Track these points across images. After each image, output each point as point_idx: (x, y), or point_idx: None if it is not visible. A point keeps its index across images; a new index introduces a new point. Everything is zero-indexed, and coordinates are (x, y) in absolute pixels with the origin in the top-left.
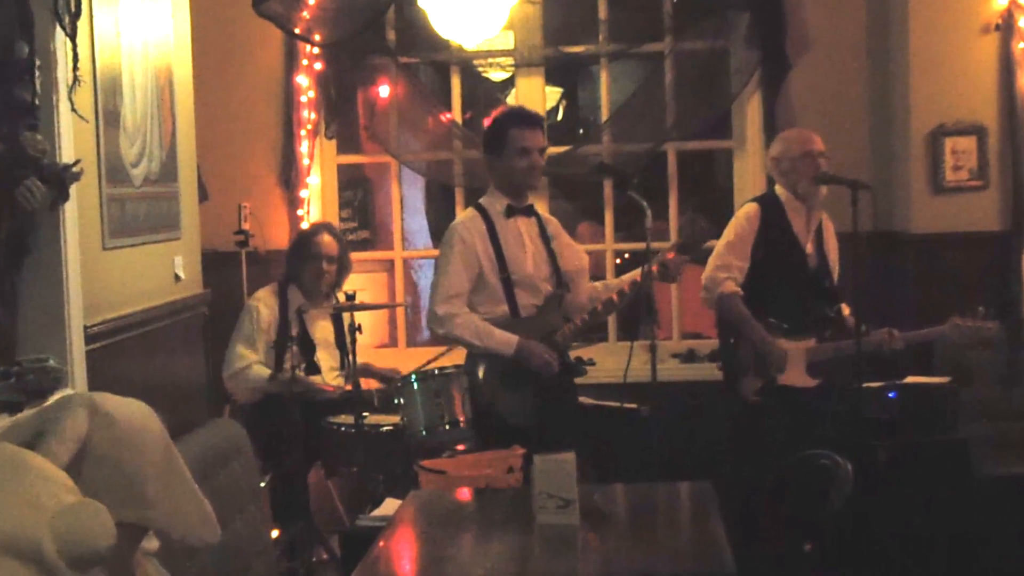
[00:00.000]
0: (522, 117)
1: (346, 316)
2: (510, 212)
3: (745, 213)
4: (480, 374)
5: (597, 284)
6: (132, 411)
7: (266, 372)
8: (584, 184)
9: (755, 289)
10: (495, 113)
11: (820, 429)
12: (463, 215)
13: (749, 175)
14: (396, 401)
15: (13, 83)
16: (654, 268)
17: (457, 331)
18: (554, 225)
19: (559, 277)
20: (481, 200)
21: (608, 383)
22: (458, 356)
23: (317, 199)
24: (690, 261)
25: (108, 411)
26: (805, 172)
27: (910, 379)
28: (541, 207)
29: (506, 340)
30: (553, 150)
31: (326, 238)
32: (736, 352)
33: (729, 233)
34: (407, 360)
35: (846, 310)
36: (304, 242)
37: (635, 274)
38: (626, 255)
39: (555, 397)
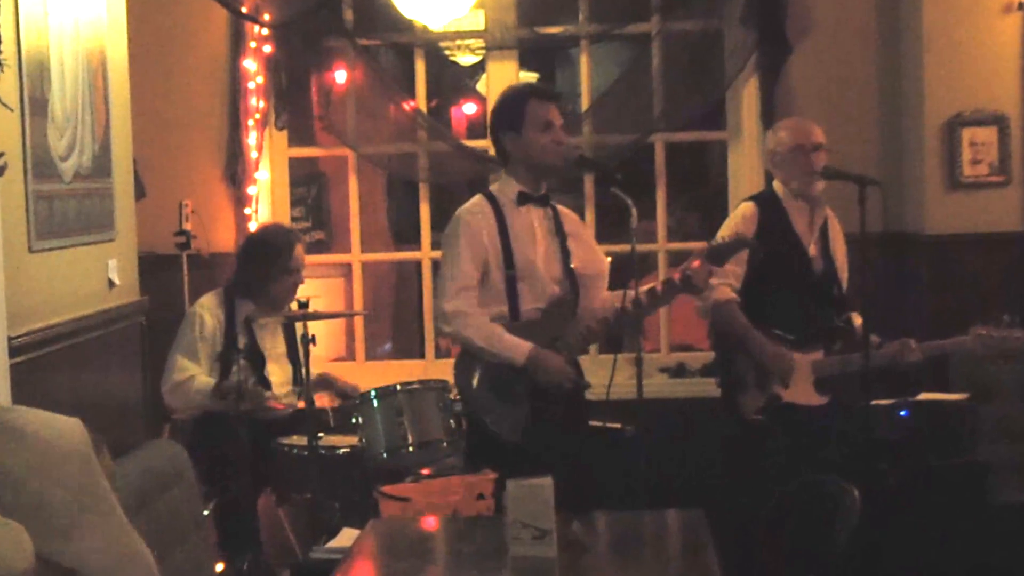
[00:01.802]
0: (543, 90)
1: (299, 326)
2: (523, 200)
3: (741, 213)
4: (474, 382)
5: (616, 293)
6: (50, 429)
7: (210, 383)
8: (562, 180)
9: (754, 296)
10: (508, 87)
11: (825, 451)
12: (469, 202)
13: (745, 170)
14: (354, 420)
15: None
16: (676, 277)
17: (467, 332)
18: (573, 221)
19: (572, 280)
20: (491, 187)
21: (589, 400)
22: (424, 371)
23: (266, 196)
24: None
25: (19, 428)
26: (798, 167)
27: (924, 396)
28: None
29: (517, 347)
30: None
31: (300, 250)
32: (734, 365)
33: (724, 234)
34: (367, 375)
35: (857, 319)
36: (275, 254)
37: (656, 283)
38: (609, 258)
39: (558, 415)
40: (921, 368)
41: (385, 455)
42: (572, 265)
